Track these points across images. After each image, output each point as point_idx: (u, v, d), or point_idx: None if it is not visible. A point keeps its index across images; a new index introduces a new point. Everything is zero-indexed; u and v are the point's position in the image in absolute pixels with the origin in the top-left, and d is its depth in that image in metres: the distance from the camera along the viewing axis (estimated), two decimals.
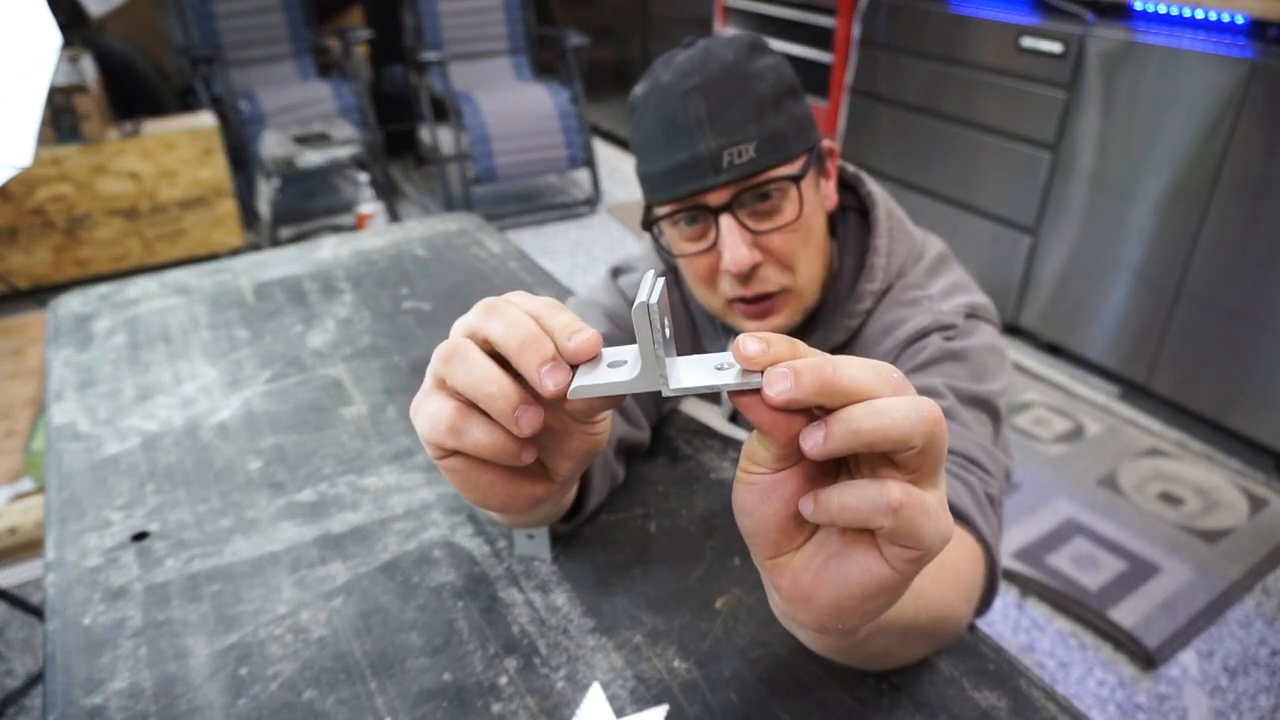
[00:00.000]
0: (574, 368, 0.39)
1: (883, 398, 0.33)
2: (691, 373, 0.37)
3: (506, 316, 0.39)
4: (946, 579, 0.56)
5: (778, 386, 0.33)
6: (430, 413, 0.40)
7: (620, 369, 0.38)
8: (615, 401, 0.40)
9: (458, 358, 0.39)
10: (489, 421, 0.40)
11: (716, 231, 0.75)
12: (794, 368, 0.33)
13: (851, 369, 0.34)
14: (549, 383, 0.37)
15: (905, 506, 0.33)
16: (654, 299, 0.36)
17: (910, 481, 0.34)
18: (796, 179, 0.74)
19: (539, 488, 0.46)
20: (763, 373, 0.34)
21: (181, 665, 0.64)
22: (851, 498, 0.34)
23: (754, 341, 0.34)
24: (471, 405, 0.40)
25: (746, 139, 0.71)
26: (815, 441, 0.34)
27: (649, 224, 0.79)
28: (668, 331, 0.37)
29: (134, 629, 0.67)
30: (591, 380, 0.38)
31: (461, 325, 0.41)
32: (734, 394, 0.35)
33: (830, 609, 0.37)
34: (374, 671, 0.63)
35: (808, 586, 0.37)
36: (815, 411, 0.35)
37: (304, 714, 0.60)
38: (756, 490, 0.37)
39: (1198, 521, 1.94)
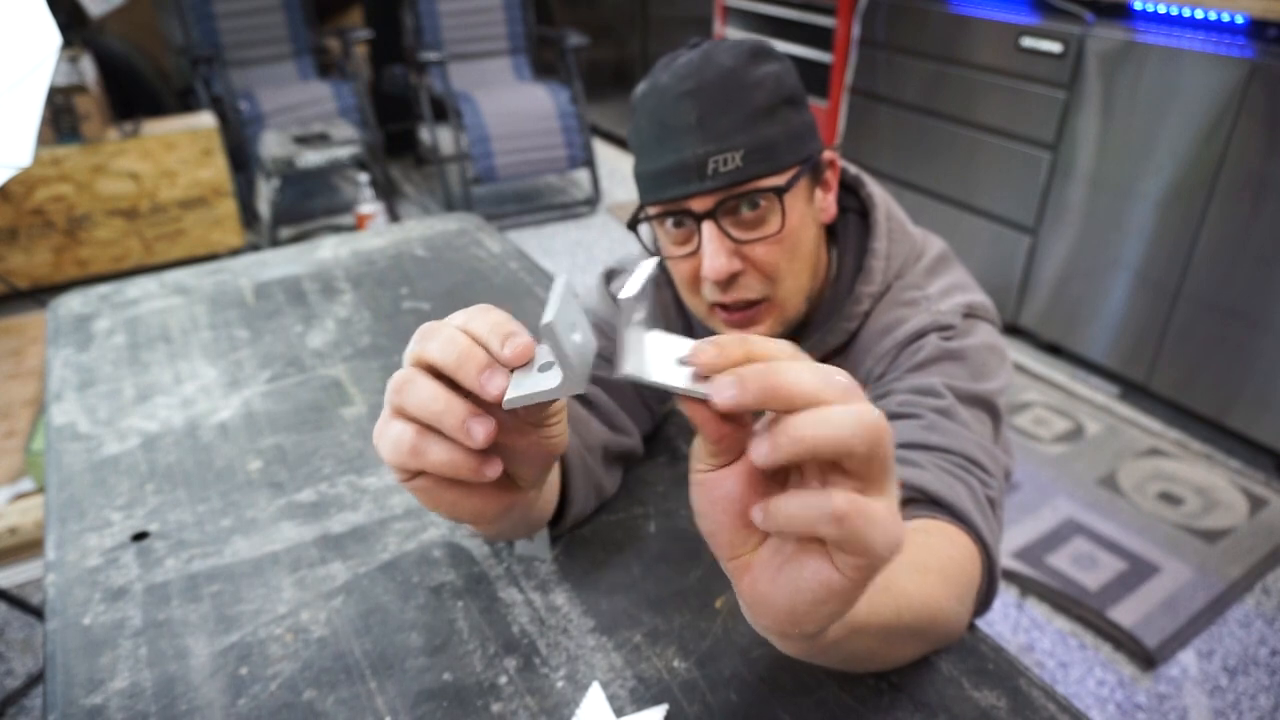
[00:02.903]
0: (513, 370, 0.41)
1: (827, 405, 0.34)
2: (654, 361, 0.38)
3: (440, 336, 0.41)
4: (933, 579, 0.56)
5: (724, 394, 0.34)
6: (392, 438, 0.42)
7: (549, 372, 0.40)
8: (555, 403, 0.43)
9: (407, 385, 0.42)
10: (446, 440, 0.42)
11: (700, 237, 0.75)
12: (740, 374, 0.34)
13: (796, 374, 0.34)
14: (490, 387, 0.40)
15: (849, 516, 0.33)
16: (634, 292, 0.37)
17: (858, 489, 0.34)
18: (780, 191, 0.73)
19: (505, 497, 0.47)
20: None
21: (181, 665, 0.64)
22: (797, 507, 0.35)
23: (709, 348, 0.35)
24: (429, 427, 0.42)
25: (734, 147, 0.71)
26: (762, 453, 0.34)
27: (634, 223, 0.79)
28: (638, 320, 0.38)
29: (134, 629, 0.67)
30: (525, 390, 0.40)
31: (406, 355, 0.43)
32: (682, 399, 0.37)
33: (786, 613, 0.38)
34: (374, 671, 0.63)
35: (764, 591, 0.38)
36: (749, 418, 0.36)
37: (304, 714, 0.60)
38: (705, 489, 0.38)
39: (1197, 521, 1.94)
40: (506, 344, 0.40)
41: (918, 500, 0.63)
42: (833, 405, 0.34)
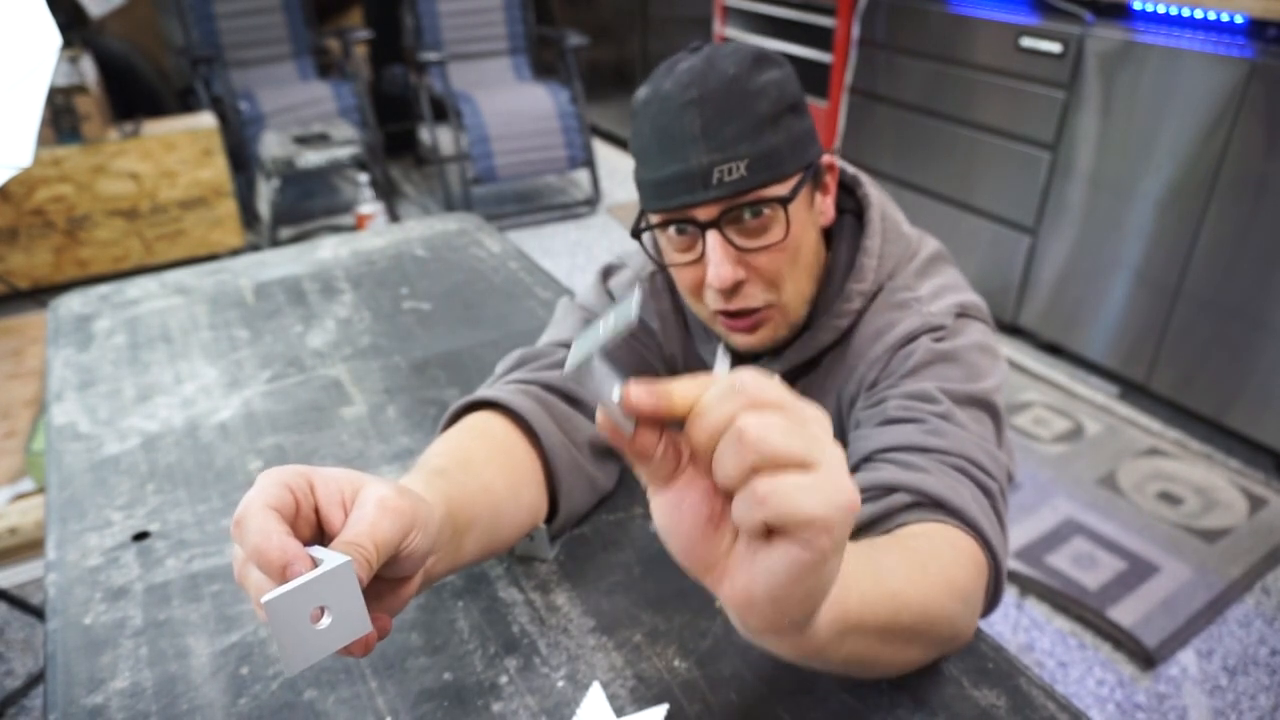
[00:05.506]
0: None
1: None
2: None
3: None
4: (932, 579, 0.55)
5: (634, 396, 0.39)
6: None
7: (324, 620, 0.43)
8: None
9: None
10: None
11: (704, 245, 0.75)
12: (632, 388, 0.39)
13: (685, 389, 0.39)
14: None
15: (770, 495, 0.36)
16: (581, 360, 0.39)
17: (784, 469, 0.36)
18: (785, 201, 0.73)
19: (403, 591, 0.51)
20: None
21: (182, 665, 0.64)
22: (735, 511, 0.38)
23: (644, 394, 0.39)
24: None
25: (739, 157, 0.71)
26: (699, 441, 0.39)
27: (637, 231, 0.79)
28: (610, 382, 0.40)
29: (135, 629, 0.67)
30: (310, 646, 0.43)
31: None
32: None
33: (769, 602, 0.39)
34: (374, 671, 0.63)
35: (744, 587, 0.40)
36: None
37: (304, 714, 0.60)
38: (664, 510, 0.41)
39: (1197, 521, 1.94)
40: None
41: (921, 504, 0.63)
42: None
